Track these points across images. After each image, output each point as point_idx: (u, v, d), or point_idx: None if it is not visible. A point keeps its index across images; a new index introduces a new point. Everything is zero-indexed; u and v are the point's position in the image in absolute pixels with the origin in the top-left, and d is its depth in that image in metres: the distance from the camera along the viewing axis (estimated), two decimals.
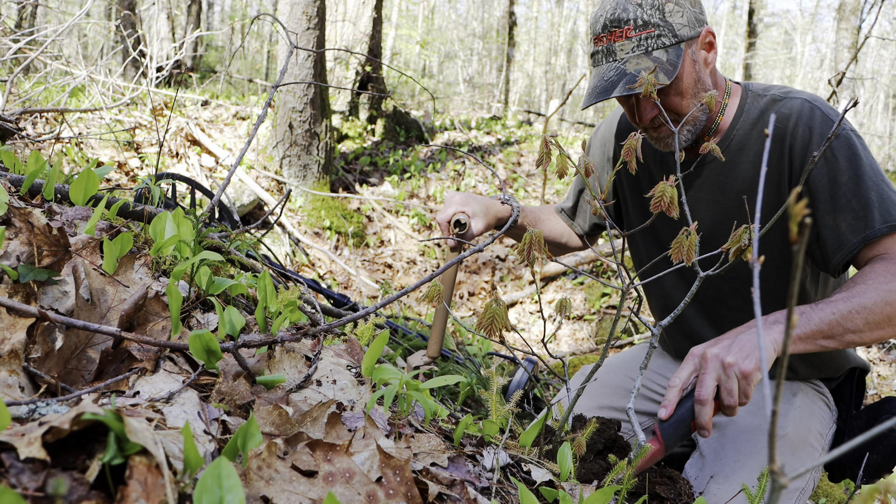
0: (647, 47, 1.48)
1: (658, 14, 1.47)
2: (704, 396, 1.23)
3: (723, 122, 1.64)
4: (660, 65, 1.46)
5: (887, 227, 1.40)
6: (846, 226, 1.44)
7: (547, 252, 1.10)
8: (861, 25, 10.93)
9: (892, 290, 1.33)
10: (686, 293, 1.69)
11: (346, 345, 1.28)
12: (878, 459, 1.56)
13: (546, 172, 6.85)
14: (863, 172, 1.44)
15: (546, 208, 2.10)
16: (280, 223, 6.01)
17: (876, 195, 1.42)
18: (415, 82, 6.29)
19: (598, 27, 1.52)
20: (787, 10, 46.81)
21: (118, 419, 0.59)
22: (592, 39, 1.56)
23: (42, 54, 5.15)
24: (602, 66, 1.53)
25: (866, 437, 0.41)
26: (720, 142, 1.63)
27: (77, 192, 1.33)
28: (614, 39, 1.50)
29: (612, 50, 1.51)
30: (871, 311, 1.32)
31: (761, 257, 0.46)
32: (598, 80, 1.53)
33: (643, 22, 1.46)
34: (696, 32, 1.52)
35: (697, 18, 1.52)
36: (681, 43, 1.49)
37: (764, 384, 0.42)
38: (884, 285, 1.33)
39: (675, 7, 1.48)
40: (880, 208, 1.41)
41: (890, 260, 1.38)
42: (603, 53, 1.53)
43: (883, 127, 26.15)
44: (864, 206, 1.42)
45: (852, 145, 1.46)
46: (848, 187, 1.44)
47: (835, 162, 1.46)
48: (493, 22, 24.94)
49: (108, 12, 13.83)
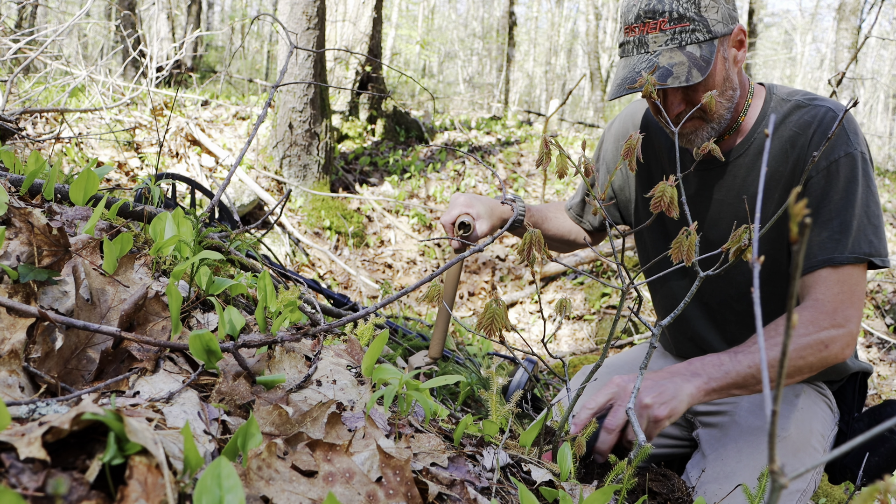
0: (682, 41, 1.44)
1: (694, 8, 1.44)
2: (612, 426, 1.30)
3: (745, 122, 1.62)
4: (693, 60, 1.43)
5: (853, 257, 1.43)
6: (818, 241, 1.47)
7: (547, 252, 1.10)
8: (861, 25, 10.93)
9: (807, 344, 1.39)
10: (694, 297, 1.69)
11: (346, 345, 1.28)
12: (879, 462, 1.56)
13: (546, 172, 6.85)
14: (855, 199, 1.45)
15: (553, 205, 2.09)
16: (280, 223, 6.01)
17: (857, 224, 1.45)
18: (415, 82, 6.29)
19: (631, 17, 1.48)
20: (787, 10, 46.81)
21: (118, 419, 0.59)
22: (624, 29, 1.51)
23: (42, 54, 5.15)
24: (633, 56, 1.50)
25: (865, 438, 0.41)
26: (741, 143, 1.61)
27: (77, 192, 1.33)
28: (647, 31, 1.46)
29: (645, 41, 1.47)
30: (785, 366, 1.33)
31: (761, 257, 0.46)
32: (628, 70, 1.48)
33: (679, 15, 1.43)
34: (729, 29, 1.48)
35: (731, 15, 1.49)
36: (714, 39, 1.46)
37: (765, 384, 0.42)
38: (801, 339, 1.39)
39: (711, 2, 1.45)
40: (855, 237, 1.44)
41: (816, 308, 1.43)
42: (634, 44, 1.49)
43: (883, 127, 26.14)
44: (843, 231, 1.45)
45: (855, 168, 1.46)
46: (836, 206, 1.46)
47: (836, 178, 1.46)
48: (493, 22, 24.93)
49: (108, 12, 13.83)
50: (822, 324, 1.41)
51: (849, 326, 1.43)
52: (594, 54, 13.04)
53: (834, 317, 1.42)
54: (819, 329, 1.41)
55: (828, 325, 1.41)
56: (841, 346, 1.42)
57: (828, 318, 1.41)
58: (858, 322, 1.45)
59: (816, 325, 1.41)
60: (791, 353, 1.39)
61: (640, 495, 1.24)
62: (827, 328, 1.41)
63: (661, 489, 1.32)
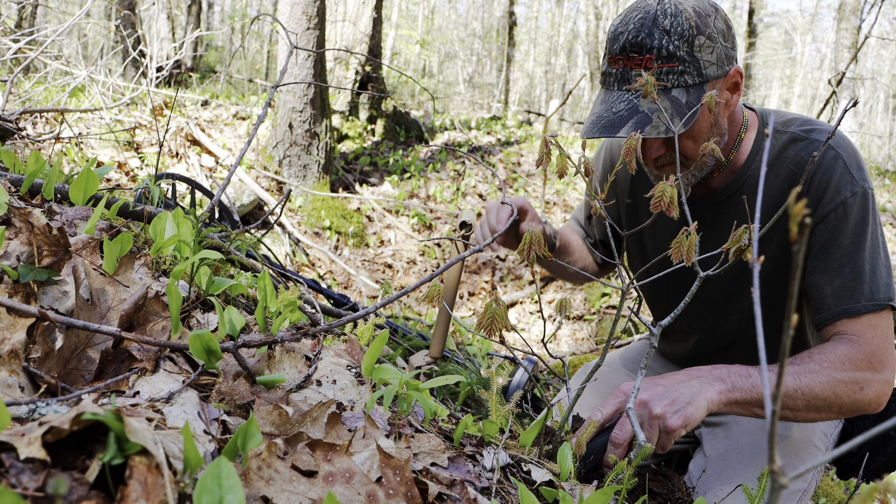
0: (668, 84, 1.31)
1: (686, 47, 1.30)
2: (621, 441, 1.19)
3: (737, 158, 1.50)
4: (677, 107, 1.31)
5: (873, 304, 1.34)
6: (831, 291, 1.37)
7: (547, 252, 1.10)
8: (861, 25, 10.93)
9: (841, 380, 1.29)
10: (692, 321, 1.67)
11: (346, 345, 1.28)
12: (886, 462, 1.56)
13: (546, 172, 6.85)
14: (865, 240, 1.36)
15: (569, 231, 1.94)
16: (280, 223, 6.01)
17: (870, 268, 1.35)
18: (415, 82, 6.29)
19: (617, 47, 1.34)
20: (787, 10, 46.80)
21: (118, 419, 0.59)
22: (607, 58, 1.38)
23: (42, 54, 5.15)
24: (613, 92, 1.37)
25: (865, 437, 0.41)
26: (734, 180, 1.51)
27: (77, 192, 1.33)
28: (632, 66, 1.32)
29: (628, 78, 1.34)
30: (815, 396, 1.28)
31: (761, 257, 0.46)
32: (605, 108, 1.37)
33: (668, 54, 1.29)
34: (724, 72, 1.35)
35: (728, 55, 1.36)
36: (705, 84, 1.33)
37: (765, 384, 0.42)
38: (836, 373, 1.29)
39: (706, 42, 1.31)
40: (871, 283, 1.35)
41: (854, 345, 1.32)
42: (616, 78, 1.36)
43: (883, 127, 26.14)
44: (856, 277, 1.35)
45: (864, 207, 1.36)
46: (847, 250, 1.36)
47: (843, 220, 1.36)
48: (493, 22, 24.93)
49: (108, 12, 13.83)
50: (859, 363, 1.31)
51: (885, 373, 1.32)
52: (594, 54, 13.04)
53: (871, 359, 1.31)
54: (856, 368, 1.30)
55: (864, 366, 1.31)
56: (877, 393, 1.32)
57: (865, 360, 1.31)
58: (893, 371, 1.34)
59: (854, 364, 1.31)
60: (824, 386, 1.28)
61: (640, 495, 1.24)
62: (864, 369, 1.31)
63: (662, 489, 1.32)
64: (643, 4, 1.34)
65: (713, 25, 1.32)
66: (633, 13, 1.35)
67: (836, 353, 1.31)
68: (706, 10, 1.33)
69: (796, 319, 0.38)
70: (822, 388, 1.28)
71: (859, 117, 23.55)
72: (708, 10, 1.33)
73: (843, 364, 1.30)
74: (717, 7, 1.36)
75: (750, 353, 1.64)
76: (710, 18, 1.32)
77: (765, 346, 0.43)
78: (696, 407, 1.21)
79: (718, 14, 1.35)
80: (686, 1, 1.33)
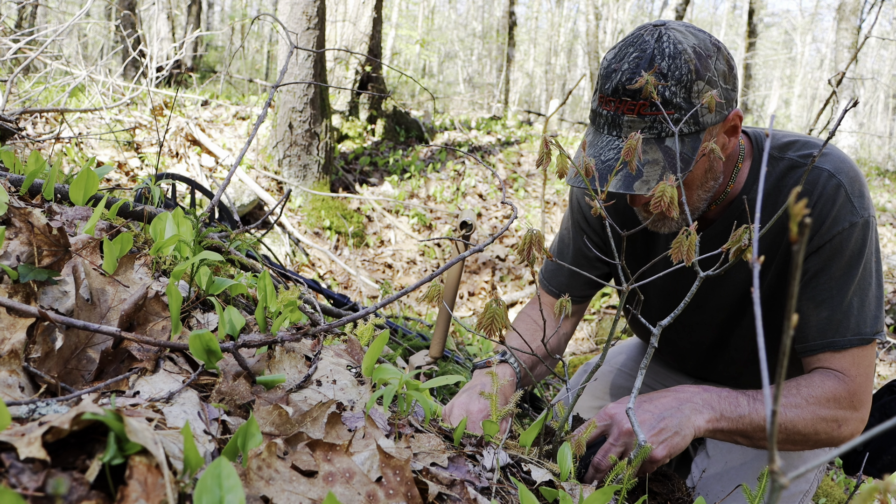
0: (661, 132, 1.22)
1: (683, 93, 1.20)
2: (604, 466, 1.20)
3: (733, 189, 1.41)
4: (669, 159, 1.22)
5: (858, 339, 1.31)
6: (816, 322, 1.33)
7: (547, 252, 1.10)
8: (861, 25, 10.93)
9: (823, 418, 1.29)
10: (690, 337, 1.67)
11: (346, 345, 1.28)
12: (891, 459, 1.56)
13: (546, 172, 6.85)
14: (858, 271, 1.31)
15: (525, 319, 1.74)
16: (280, 223, 6.01)
17: (858, 300, 1.32)
18: (415, 82, 6.29)
19: (609, 87, 1.24)
20: (787, 10, 46.83)
21: (118, 419, 0.59)
22: (598, 96, 1.28)
23: (42, 54, 5.15)
24: (602, 135, 1.28)
25: (866, 438, 0.41)
26: (730, 212, 1.43)
27: (77, 192, 1.33)
28: (624, 111, 1.23)
29: (619, 123, 1.24)
30: (797, 431, 1.29)
31: (760, 258, 0.46)
32: (593, 153, 1.28)
33: (663, 101, 1.20)
34: (722, 117, 1.26)
35: (728, 97, 1.26)
36: (701, 132, 1.23)
37: (765, 384, 0.42)
38: (820, 411, 1.29)
39: (706, 87, 1.21)
40: (858, 316, 1.31)
41: (840, 383, 1.31)
42: (606, 121, 1.26)
43: (883, 127, 26.15)
44: (844, 310, 1.31)
45: (864, 237, 1.31)
46: (837, 282, 1.32)
47: (839, 252, 1.31)
48: (493, 22, 24.93)
49: (108, 12, 13.83)
50: (842, 402, 1.30)
51: (862, 412, 1.33)
52: (594, 54, 13.05)
53: (853, 398, 1.31)
54: (839, 406, 1.30)
55: (846, 405, 1.31)
56: (851, 431, 1.32)
57: (847, 398, 1.31)
58: (869, 407, 1.34)
59: (837, 402, 1.30)
60: (807, 423, 1.28)
61: (640, 495, 1.24)
62: (845, 408, 1.31)
63: (661, 489, 1.32)
64: (640, 41, 1.24)
65: (713, 68, 1.23)
66: (628, 49, 1.24)
67: (822, 389, 1.30)
68: (707, 51, 1.23)
69: (796, 319, 0.38)
70: (805, 425, 1.28)
71: (859, 117, 23.55)
72: (710, 51, 1.23)
73: (827, 402, 1.29)
74: (719, 46, 1.26)
75: (749, 369, 1.65)
76: (710, 60, 1.22)
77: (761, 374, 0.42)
78: (683, 437, 1.21)
79: (720, 54, 1.25)
80: (686, 39, 1.22)
